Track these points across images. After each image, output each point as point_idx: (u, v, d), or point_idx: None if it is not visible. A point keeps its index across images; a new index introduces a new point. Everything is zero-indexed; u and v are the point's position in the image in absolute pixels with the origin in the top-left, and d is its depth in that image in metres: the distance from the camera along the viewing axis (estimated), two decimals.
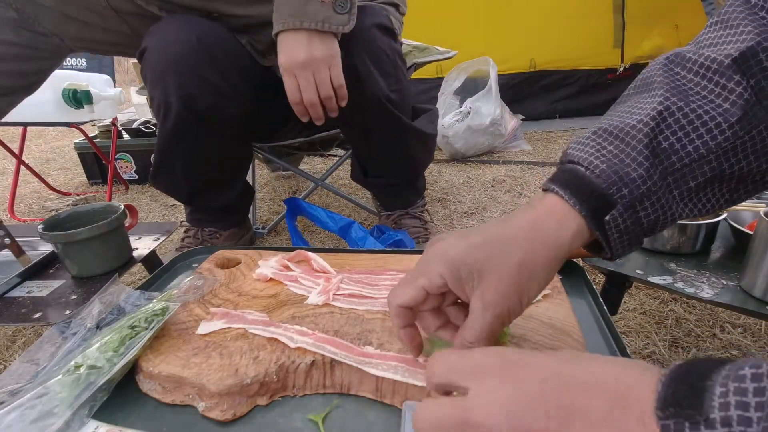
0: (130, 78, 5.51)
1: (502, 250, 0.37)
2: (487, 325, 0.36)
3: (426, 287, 0.38)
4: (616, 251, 0.40)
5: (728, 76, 0.36)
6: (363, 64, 0.91)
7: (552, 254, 0.38)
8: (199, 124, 0.94)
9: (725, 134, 0.36)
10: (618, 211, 0.37)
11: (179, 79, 0.89)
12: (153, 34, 0.90)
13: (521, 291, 0.37)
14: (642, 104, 0.39)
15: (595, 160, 0.39)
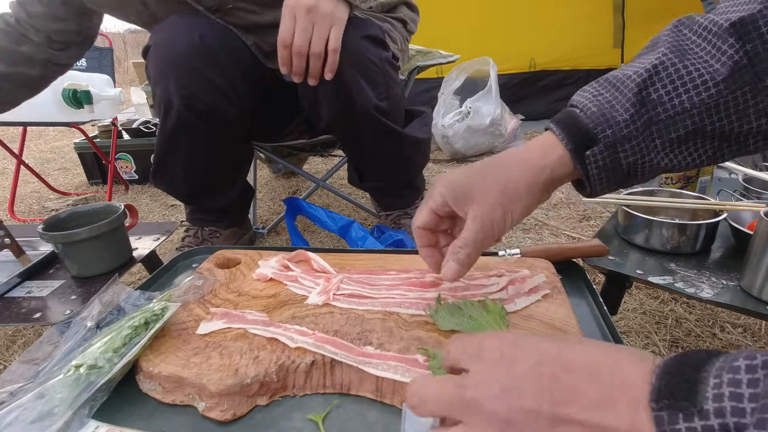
0: (130, 78, 5.51)
1: (491, 173, 0.44)
2: (473, 233, 0.43)
3: (432, 207, 0.46)
4: (594, 186, 0.44)
5: (724, 38, 0.38)
6: (351, 76, 0.89)
7: (533, 177, 0.43)
8: (200, 123, 0.94)
9: (710, 91, 0.39)
10: (599, 148, 0.42)
11: (181, 77, 0.89)
12: (158, 32, 0.91)
13: (505, 207, 0.43)
14: (643, 59, 0.42)
15: (589, 103, 0.43)
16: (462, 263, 0.45)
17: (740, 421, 0.22)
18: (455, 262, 0.45)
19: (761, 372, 0.22)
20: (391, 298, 0.53)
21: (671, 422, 0.23)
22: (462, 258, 0.45)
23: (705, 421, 0.22)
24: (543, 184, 0.44)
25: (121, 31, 9.85)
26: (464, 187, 0.44)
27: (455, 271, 0.45)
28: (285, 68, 0.84)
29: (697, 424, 0.22)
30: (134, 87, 2.98)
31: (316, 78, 0.86)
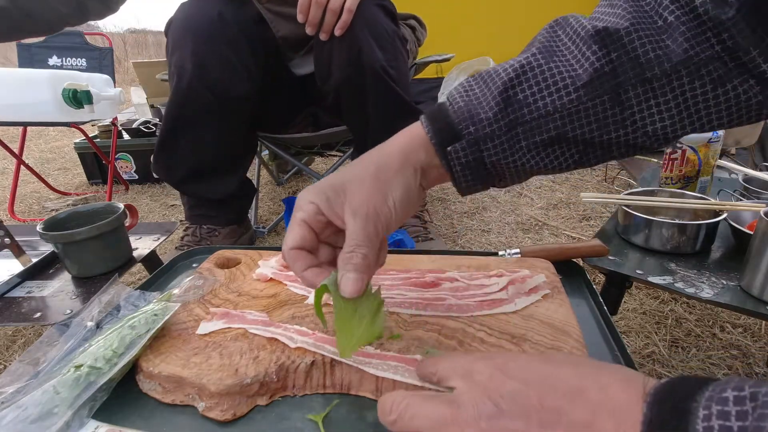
0: (130, 78, 5.51)
1: (358, 167, 0.41)
2: (359, 229, 0.38)
3: (303, 218, 0.40)
4: (459, 183, 0.43)
5: (589, 44, 0.38)
6: (363, 36, 0.94)
7: (403, 158, 0.41)
8: (210, 95, 0.98)
9: (570, 96, 0.38)
10: (461, 145, 0.41)
11: (196, 47, 0.94)
12: (180, 9, 0.98)
13: (383, 190, 0.39)
14: (518, 57, 0.41)
15: (459, 97, 0.42)
16: (359, 268, 0.37)
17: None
18: (351, 271, 0.37)
19: (749, 404, 0.22)
20: (391, 298, 0.53)
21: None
22: (358, 262, 0.37)
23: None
24: (413, 168, 0.41)
25: (121, 31, 9.85)
26: (334, 187, 0.39)
27: (354, 282, 0.37)
28: (302, 16, 0.90)
29: None
30: (134, 87, 2.98)
31: (328, 33, 0.92)
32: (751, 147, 1.56)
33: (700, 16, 0.35)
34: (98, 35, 2.31)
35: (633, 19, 0.37)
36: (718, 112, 0.38)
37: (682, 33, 0.36)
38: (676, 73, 0.37)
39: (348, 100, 1.05)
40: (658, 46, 0.37)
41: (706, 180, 0.94)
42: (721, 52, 0.35)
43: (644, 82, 0.37)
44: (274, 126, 1.27)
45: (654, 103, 0.38)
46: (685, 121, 0.38)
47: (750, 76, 0.36)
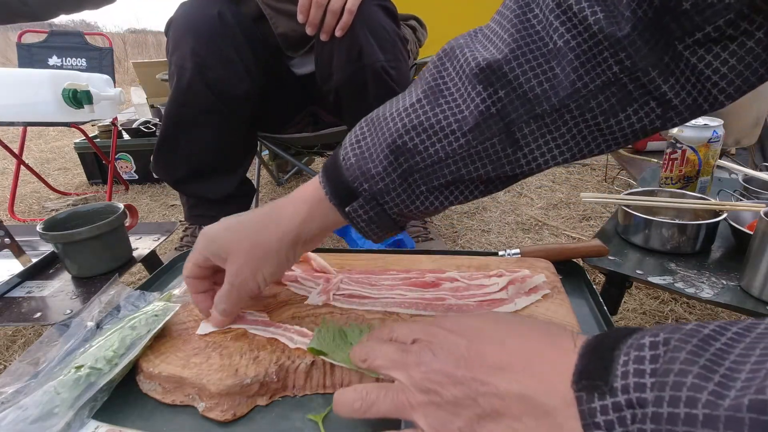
0: (130, 78, 5.51)
1: (244, 230, 0.45)
2: (226, 291, 0.46)
3: (195, 262, 0.48)
4: (368, 236, 0.44)
5: (473, 84, 0.36)
6: (364, 36, 0.94)
7: (282, 236, 0.44)
8: (210, 93, 0.98)
9: (459, 141, 0.37)
10: (359, 203, 0.41)
11: (196, 46, 0.95)
12: (180, 9, 0.98)
13: (254, 267, 0.45)
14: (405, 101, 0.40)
15: (351, 151, 0.42)
16: (223, 313, 0.47)
17: (641, 396, 0.23)
18: (217, 313, 0.48)
19: (662, 348, 0.23)
20: (391, 298, 0.53)
21: (588, 401, 0.24)
22: (221, 310, 0.47)
23: (614, 398, 0.23)
24: (295, 241, 0.45)
25: (121, 31, 9.86)
26: (219, 245, 0.46)
27: (218, 321, 0.48)
28: (302, 16, 0.91)
29: (608, 402, 0.24)
30: (134, 87, 2.99)
31: (329, 33, 0.93)
32: (751, 147, 1.56)
33: (595, 35, 0.32)
34: (98, 35, 2.31)
35: (516, 44, 0.35)
36: (614, 138, 0.36)
37: (570, 61, 0.34)
38: (565, 108, 0.35)
39: (348, 100, 1.05)
40: (546, 78, 0.35)
41: (706, 180, 0.94)
42: (619, 73, 0.33)
43: (536, 117, 0.36)
44: (274, 126, 1.27)
45: (550, 138, 0.37)
46: (584, 150, 0.37)
47: (651, 98, 0.34)
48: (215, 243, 0.46)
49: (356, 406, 0.34)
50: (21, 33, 2.03)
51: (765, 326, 0.23)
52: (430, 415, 0.31)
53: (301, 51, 1.10)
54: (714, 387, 0.20)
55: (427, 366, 0.32)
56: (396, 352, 0.35)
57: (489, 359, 0.30)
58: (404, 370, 0.33)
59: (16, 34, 2.04)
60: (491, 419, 0.29)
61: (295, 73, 1.16)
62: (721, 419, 0.19)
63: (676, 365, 0.22)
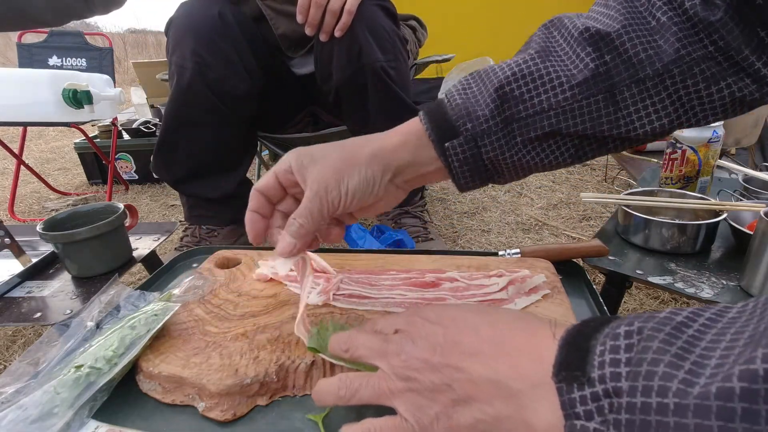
0: (130, 78, 5.51)
1: (341, 144, 0.44)
2: (306, 200, 0.42)
3: (276, 171, 0.44)
4: (458, 179, 0.44)
5: (583, 46, 0.39)
6: (363, 36, 0.94)
7: (378, 151, 0.42)
8: (210, 93, 0.98)
9: (565, 94, 0.39)
10: (458, 141, 0.41)
11: (196, 46, 0.95)
12: (180, 9, 0.99)
13: (340, 174, 0.41)
14: (515, 58, 0.42)
15: (457, 94, 0.43)
16: (294, 235, 0.42)
17: (617, 385, 0.23)
18: (288, 234, 0.43)
19: (636, 337, 0.24)
20: (391, 298, 0.53)
21: (568, 392, 0.25)
22: (293, 230, 0.42)
23: (592, 388, 0.24)
24: (386, 164, 0.42)
25: (121, 31, 9.86)
26: (311, 155, 0.43)
27: (286, 245, 0.43)
28: (301, 17, 0.90)
29: (586, 392, 0.24)
30: (134, 87, 2.98)
31: (328, 34, 0.92)
32: (751, 147, 1.56)
33: (691, 17, 0.36)
34: (98, 35, 2.31)
35: (626, 21, 0.38)
36: (713, 108, 0.38)
37: (674, 33, 0.37)
38: (668, 73, 0.37)
39: (348, 100, 1.05)
40: (650, 47, 0.37)
41: (706, 180, 0.94)
42: (714, 52, 0.36)
43: (638, 82, 0.38)
44: (274, 126, 1.27)
45: (650, 102, 0.38)
46: (682, 118, 0.39)
47: (745, 75, 0.36)
48: (306, 155, 0.43)
49: (341, 394, 0.35)
50: (21, 33, 2.03)
51: (736, 311, 0.23)
52: (408, 402, 0.32)
53: (301, 51, 1.10)
54: (684, 375, 0.21)
55: (407, 354, 0.33)
56: (377, 342, 0.36)
57: (464, 346, 0.31)
58: (385, 358, 0.34)
59: (16, 34, 2.04)
60: (465, 404, 0.30)
61: (295, 73, 1.16)
62: (690, 407, 0.20)
63: (649, 354, 0.22)
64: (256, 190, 0.45)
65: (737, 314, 0.23)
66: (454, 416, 0.30)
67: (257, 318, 0.51)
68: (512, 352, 0.30)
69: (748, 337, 0.21)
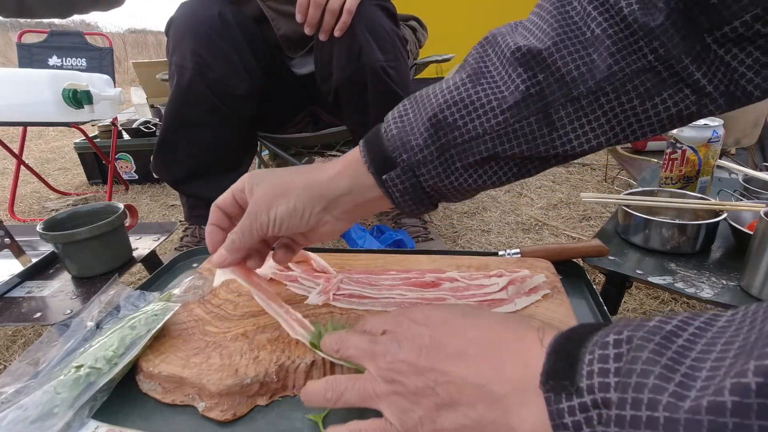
0: (130, 78, 5.51)
1: (279, 174, 0.46)
2: (242, 221, 0.45)
3: (233, 190, 0.47)
4: (401, 208, 0.44)
5: (514, 66, 0.38)
6: (363, 36, 0.94)
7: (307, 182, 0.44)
8: (210, 93, 0.98)
9: (498, 118, 0.39)
10: (396, 173, 0.42)
11: (196, 46, 0.95)
12: (180, 9, 0.99)
13: (271, 201, 0.44)
14: (448, 82, 0.42)
15: (393, 124, 0.43)
16: (226, 248, 0.46)
17: (606, 396, 0.22)
18: (222, 247, 0.46)
19: (625, 346, 0.23)
20: (391, 298, 0.53)
21: (556, 402, 0.24)
22: (227, 244, 0.46)
23: (580, 399, 0.23)
24: (318, 195, 0.44)
25: (121, 31, 9.86)
26: (261, 178, 0.46)
27: (219, 256, 0.47)
28: (300, 16, 0.91)
29: (575, 402, 0.24)
30: (134, 87, 2.98)
31: (327, 33, 0.92)
32: (751, 147, 1.56)
33: (630, 25, 0.34)
34: (98, 35, 2.31)
35: (558, 35, 0.37)
36: (650, 124, 0.37)
37: (608, 47, 0.35)
38: (601, 90, 0.36)
39: (348, 100, 1.05)
40: (583, 62, 0.36)
41: (706, 180, 0.94)
42: (654, 61, 0.34)
43: (573, 100, 0.37)
44: (274, 126, 1.27)
45: (585, 120, 0.37)
46: (619, 135, 0.38)
47: (685, 86, 0.35)
48: (256, 177, 0.46)
49: (327, 396, 0.36)
50: (21, 33, 2.03)
51: (726, 319, 0.23)
52: (393, 405, 0.32)
53: (302, 51, 1.10)
54: (675, 388, 0.20)
55: (392, 356, 0.33)
56: (365, 342, 0.36)
57: (449, 349, 0.31)
58: (372, 360, 0.34)
59: (16, 34, 2.04)
60: (449, 407, 0.30)
61: (295, 73, 1.16)
62: (681, 422, 0.19)
63: (639, 365, 0.22)
64: (215, 206, 0.48)
65: (727, 323, 0.22)
66: (438, 420, 0.30)
67: (257, 318, 0.51)
68: (498, 355, 0.29)
69: (739, 348, 0.20)
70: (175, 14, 0.99)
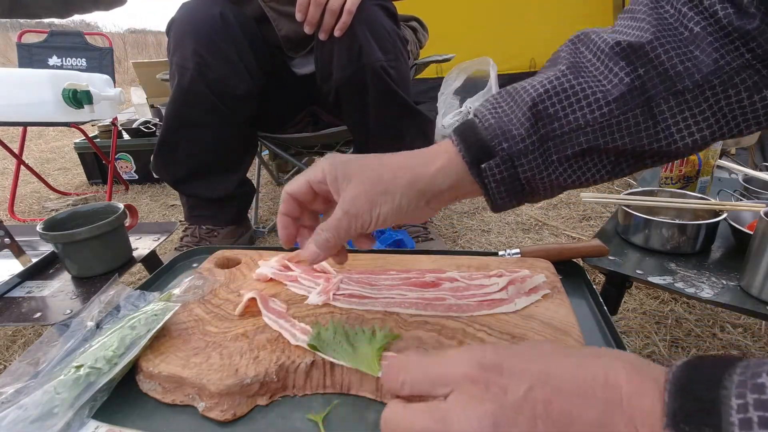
0: (130, 78, 5.51)
1: (376, 164, 0.43)
2: (336, 219, 0.42)
3: (309, 178, 0.44)
4: (494, 200, 0.43)
5: (615, 60, 0.38)
6: (364, 36, 0.94)
7: (414, 179, 0.41)
8: (210, 93, 0.98)
9: (602, 110, 0.38)
10: (495, 162, 0.41)
11: (197, 46, 0.95)
12: (181, 9, 0.99)
13: (372, 200, 0.41)
14: (543, 74, 0.41)
15: (488, 114, 0.42)
16: (320, 246, 0.43)
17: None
18: (313, 244, 0.43)
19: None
20: (391, 298, 0.53)
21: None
22: (320, 241, 0.43)
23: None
24: (422, 191, 0.42)
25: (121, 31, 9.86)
26: (344, 170, 0.42)
27: (311, 253, 0.43)
28: (300, 15, 0.91)
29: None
30: (134, 87, 2.98)
31: (327, 33, 0.93)
32: (751, 147, 1.56)
33: (725, 27, 0.35)
34: (98, 35, 2.31)
35: (657, 32, 0.37)
36: (756, 117, 0.37)
37: (710, 43, 0.36)
38: (708, 84, 0.36)
39: (348, 100, 1.05)
40: (686, 58, 0.36)
41: (706, 180, 0.94)
42: (752, 60, 0.35)
43: (676, 94, 0.37)
44: (274, 126, 1.27)
45: (689, 114, 0.37)
46: (724, 128, 0.38)
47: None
48: (341, 166, 0.42)
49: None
50: (21, 33, 2.03)
51: None
52: None
53: (303, 52, 1.10)
54: None
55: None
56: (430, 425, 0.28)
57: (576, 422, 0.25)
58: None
59: (16, 34, 2.04)
60: None
61: (295, 73, 1.16)
62: None
63: None
64: (288, 194, 0.45)
65: None
66: None
67: (257, 318, 0.51)
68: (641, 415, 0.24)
69: None
70: (177, 14, 0.99)
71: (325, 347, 0.43)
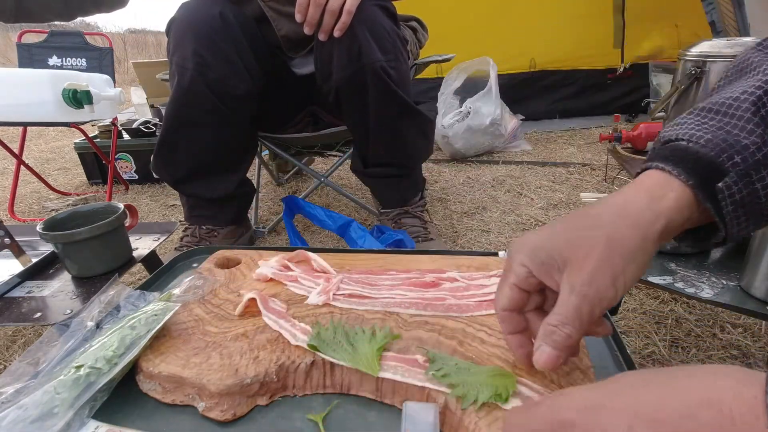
0: (130, 78, 5.51)
1: (586, 229, 0.35)
2: (572, 308, 0.34)
3: (514, 282, 0.37)
4: (731, 228, 0.35)
5: None
6: (363, 36, 0.94)
7: (642, 232, 0.34)
8: (210, 93, 0.98)
9: None
10: (732, 179, 0.34)
11: (197, 46, 0.95)
12: (181, 9, 0.99)
13: (614, 271, 0.34)
14: (743, 82, 0.36)
15: (698, 131, 0.36)
16: (559, 346, 0.35)
17: None
18: (550, 346, 0.35)
19: None
20: (391, 298, 0.53)
21: None
22: (559, 340, 0.35)
23: None
24: (658, 237, 0.35)
25: (121, 31, 9.87)
26: (548, 251, 0.36)
27: (549, 357, 0.35)
28: (300, 15, 0.91)
29: None
30: (134, 87, 2.98)
31: (327, 33, 0.92)
32: None
33: None
34: (98, 35, 2.31)
35: None
36: None
37: None
38: None
39: (348, 100, 1.05)
40: None
41: None
42: None
43: None
44: (274, 126, 1.27)
45: None
46: None
47: None
48: (543, 249, 0.36)
49: None
50: (21, 33, 2.03)
51: None
52: None
53: (303, 52, 1.10)
54: None
55: None
56: None
57: None
58: None
59: (16, 34, 2.04)
60: None
61: (295, 73, 1.16)
62: None
63: None
64: (503, 311, 0.39)
65: None
66: None
67: (257, 318, 0.51)
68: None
69: None
70: (176, 14, 0.99)
71: (325, 347, 0.43)
